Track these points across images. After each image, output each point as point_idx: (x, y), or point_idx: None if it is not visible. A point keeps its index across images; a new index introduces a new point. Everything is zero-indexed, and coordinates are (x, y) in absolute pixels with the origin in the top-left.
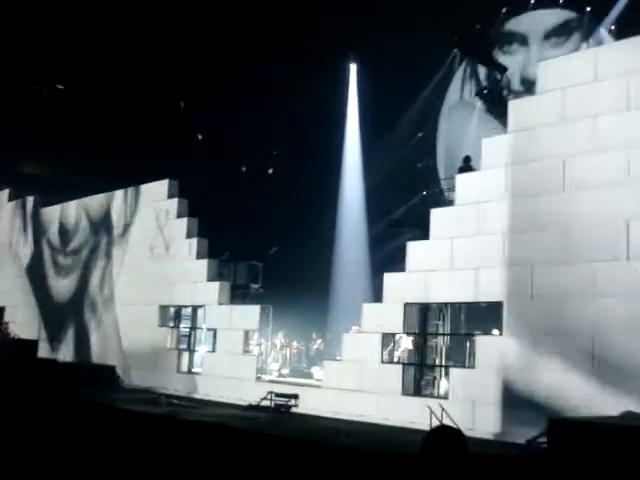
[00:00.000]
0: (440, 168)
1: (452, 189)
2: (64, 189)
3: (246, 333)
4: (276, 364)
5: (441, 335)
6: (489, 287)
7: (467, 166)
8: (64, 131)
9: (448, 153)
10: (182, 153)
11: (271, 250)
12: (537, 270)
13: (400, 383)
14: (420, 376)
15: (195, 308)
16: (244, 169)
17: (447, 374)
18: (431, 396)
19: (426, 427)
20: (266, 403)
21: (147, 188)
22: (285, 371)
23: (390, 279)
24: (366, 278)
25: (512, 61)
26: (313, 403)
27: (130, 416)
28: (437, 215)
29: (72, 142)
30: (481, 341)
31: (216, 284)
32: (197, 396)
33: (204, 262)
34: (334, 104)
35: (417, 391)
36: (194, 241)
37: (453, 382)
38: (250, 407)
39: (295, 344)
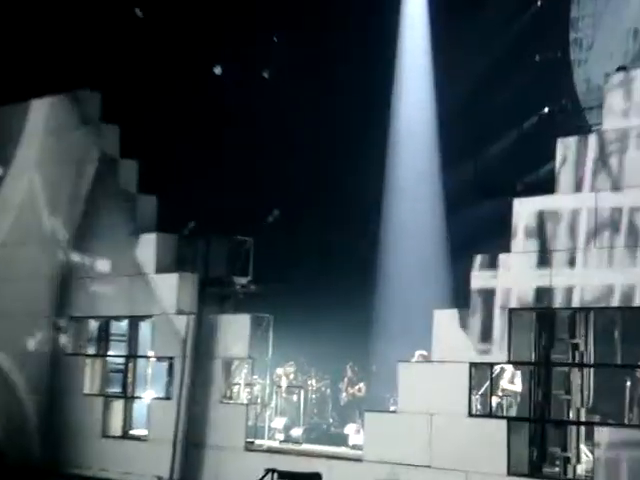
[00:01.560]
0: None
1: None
2: None
3: (227, 365)
4: (281, 419)
5: (578, 367)
6: None
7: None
8: None
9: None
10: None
11: (269, 216)
12: None
13: (505, 454)
14: (541, 441)
15: (134, 322)
16: (219, 70)
17: (590, 438)
18: (561, 478)
19: None
20: None
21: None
22: (297, 431)
23: (482, 266)
24: (438, 268)
25: None
26: None
27: None
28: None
29: None
30: None
31: (173, 278)
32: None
33: (150, 238)
34: None
35: (535, 469)
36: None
37: (602, 453)
38: None
39: (314, 383)
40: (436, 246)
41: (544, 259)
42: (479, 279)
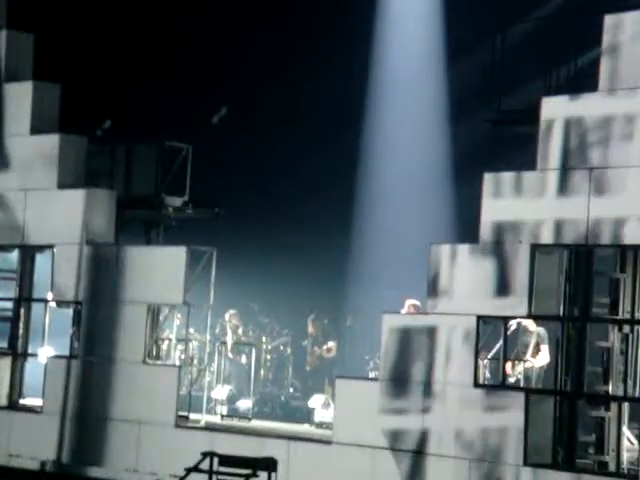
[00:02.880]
0: None
1: None
2: None
3: (154, 314)
4: (225, 388)
5: (623, 324)
6: None
7: None
8: None
9: None
10: None
11: (214, 116)
12: None
13: (521, 438)
14: (570, 422)
15: (27, 253)
16: None
17: (636, 419)
18: (600, 471)
19: None
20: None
21: None
22: (246, 404)
23: (496, 189)
24: (438, 190)
25: None
26: (309, 479)
27: None
28: None
29: None
30: None
31: (80, 195)
32: (28, 463)
33: (50, 140)
34: None
35: (561, 459)
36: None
37: None
38: None
39: (269, 340)
40: (435, 161)
41: (579, 181)
42: (492, 206)
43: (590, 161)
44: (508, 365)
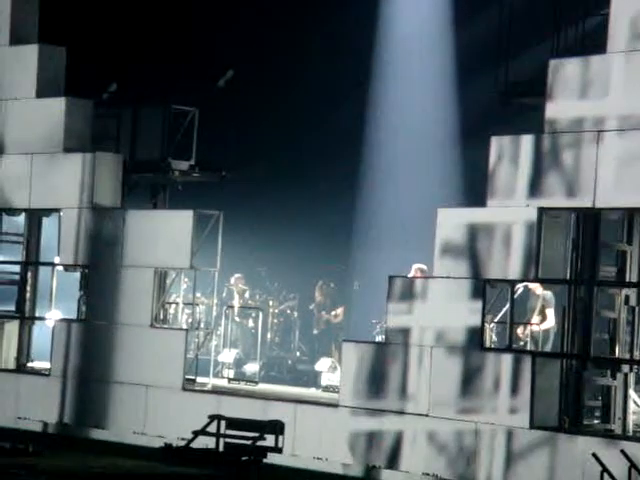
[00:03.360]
0: None
1: None
2: None
3: (161, 278)
4: (232, 351)
5: (630, 287)
6: None
7: None
8: None
9: None
10: None
11: (220, 80)
12: None
13: (527, 401)
14: (577, 385)
15: (34, 217)
16: None
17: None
18: (605, 433)
19: None
20: (207, 443)
21: None
22: (253, 367)
23: (502, 151)
24: (445, 153)
25: None
26: (316, 442)
27: None
28: None
29: None
30: None
31: (87, 159)
32: (36, 425)
33: (56, 103)
34: None
35: (568, 422)
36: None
37: None
38: (170, 452)
39: (277, 304)
40: (442, 125)
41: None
42: (501, 166)
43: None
44: (516, 328)
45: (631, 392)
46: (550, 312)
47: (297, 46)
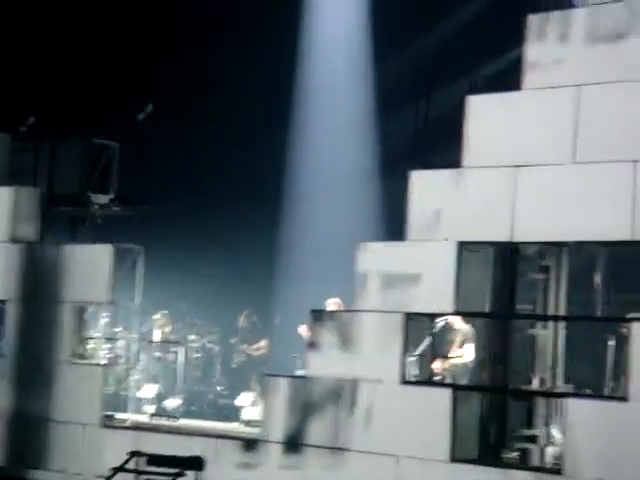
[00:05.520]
0: None
1: None
2: None
3: (79, 312)
4: (152, 387)
5: (546, 320)
6: None
7: None
8: None
9: None
10: None
11: (142, 112)
12: None
13: (448, 434)
14: (497, 418)
15: None
16: None
17: (560, 414)
18: (522, 467)
19: None
20: None
21: None
22: (173, 403)
23: (422, 184)
24: (366, 188)
25: None
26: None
27: None
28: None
29: None
30: None
31: (4, 193)
32: None
33: None
34: None
35: (491, 453)
36: None
37: (576, 433)
38: None
39: (197, 338)
40: (362, 159)
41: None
42: (419, 200)
43: None
44: (435, 362)
45: (552, 426)
46: (469, 346)
47: (216, 81)
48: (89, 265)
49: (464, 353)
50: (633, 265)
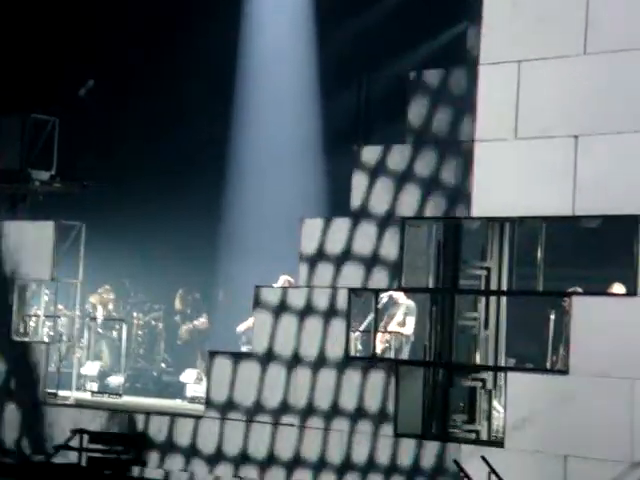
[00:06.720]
0: None
1: None
2: None
3: (21, 290)
4: (95, 364)
5: (488, 295)
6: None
7: None
8: None
9: None
10: None
11: (83, 88)
12: None
13: (392, 409)
14: (442, 393)
15: None
16: None
17: (500, 386)
18: (465, 439)
19: None
20: (69, 458)
21: None
22: (117, 380)
23: (369, 155)
24: (311, 163)
25: None
26: (183, 455)
27: None
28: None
29: None
30: (585, 308)
31: None
32: None
33: None
34: None
35: (431, 429)
36: None
37: (517, 408)
38: (30, 468)
39: (141, 316)
40: (307, 134)
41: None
42: (364, 176)
43: None
44: (378, 337)
45: (494, 401)
46: (410, 320)
47: (159, 55)
48: (30, 242)
49: (406, 325)
50: (574, 240)
